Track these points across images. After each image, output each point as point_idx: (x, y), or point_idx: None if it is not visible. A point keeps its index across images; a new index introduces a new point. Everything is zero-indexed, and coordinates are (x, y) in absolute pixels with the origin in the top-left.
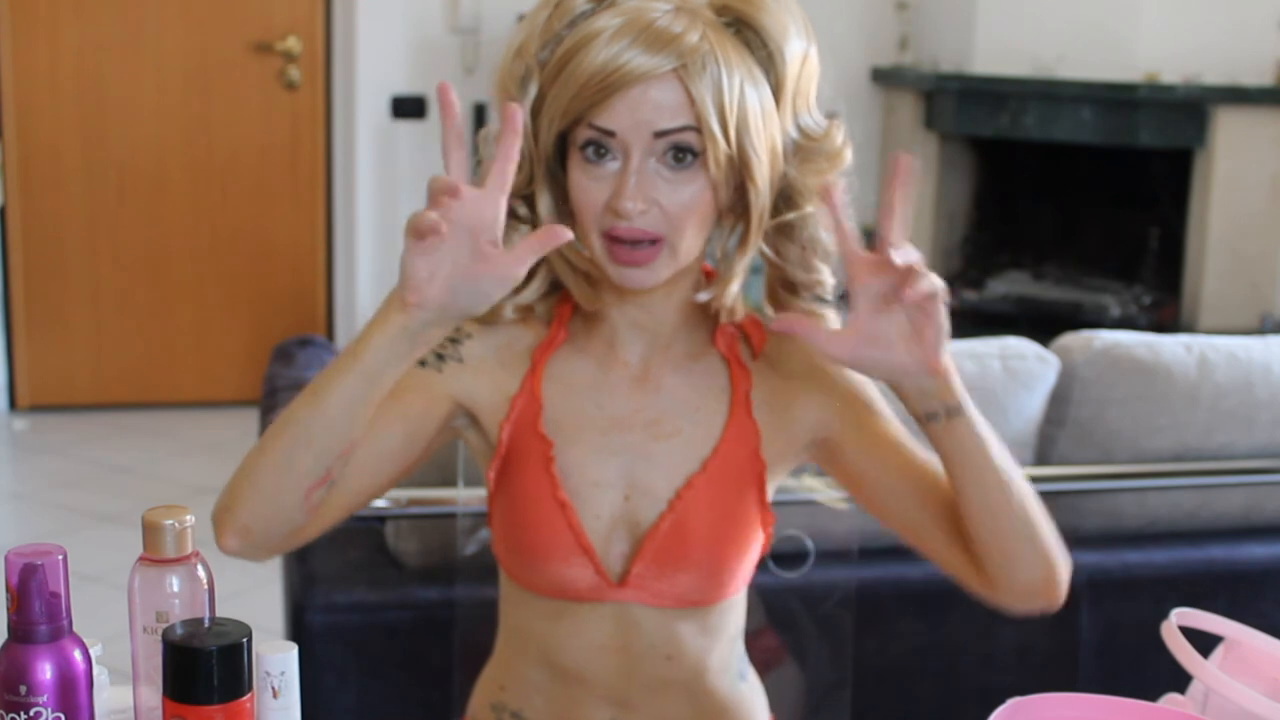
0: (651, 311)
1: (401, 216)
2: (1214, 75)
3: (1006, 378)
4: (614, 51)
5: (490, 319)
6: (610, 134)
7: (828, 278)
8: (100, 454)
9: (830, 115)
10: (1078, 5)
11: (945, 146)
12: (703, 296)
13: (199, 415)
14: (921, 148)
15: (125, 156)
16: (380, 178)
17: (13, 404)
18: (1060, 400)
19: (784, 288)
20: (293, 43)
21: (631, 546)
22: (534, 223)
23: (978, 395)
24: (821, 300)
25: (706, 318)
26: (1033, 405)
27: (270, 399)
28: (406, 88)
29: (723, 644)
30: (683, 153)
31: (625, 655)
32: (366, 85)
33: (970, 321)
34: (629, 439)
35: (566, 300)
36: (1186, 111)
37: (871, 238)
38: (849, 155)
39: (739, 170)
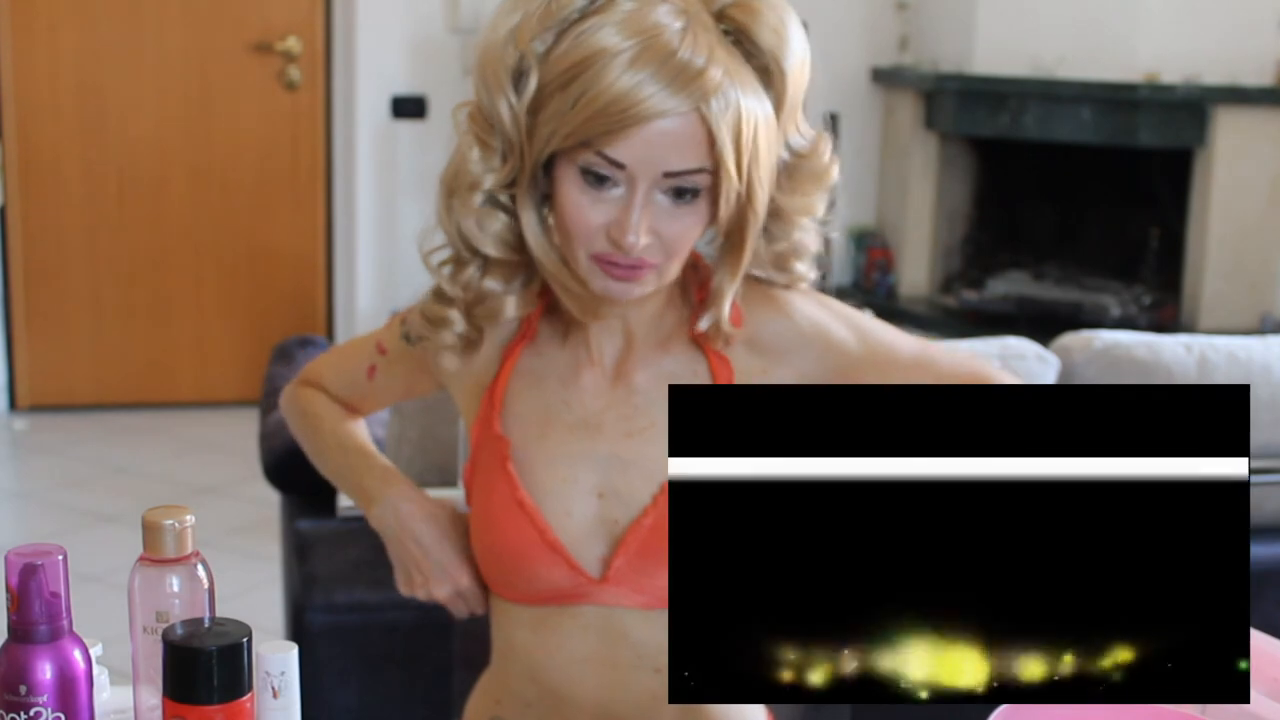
0: (625, 315)
1: (401, 216)
2: (1214, 75)
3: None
4: (635, 82)
5: (490, 320)
6: (620, 166)
7: (805, 271)
8: (100, 454)
9: (820, 129)
10: (1078, 5)
11: (945, 146)
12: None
13: (198, 415)
14: (921, 148)
15: (125, 157)
16: (380, 178)
17: (13, 404)
18: None
19: (747, 278)
20: (293, 43)
21: (610, 547)
22: (515, 218)
23: None
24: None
25: (681, 312)
26: None
27: (270, 399)
28: (406, 88)
29: None
30: (686, 191)
31: (613, 669)
32: (366, 85)
33: (970, 321)
34: (599, 442)
35: (541, 296)
36: (1186, 111)
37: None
38: (835, 173)
39: (743, 203)
